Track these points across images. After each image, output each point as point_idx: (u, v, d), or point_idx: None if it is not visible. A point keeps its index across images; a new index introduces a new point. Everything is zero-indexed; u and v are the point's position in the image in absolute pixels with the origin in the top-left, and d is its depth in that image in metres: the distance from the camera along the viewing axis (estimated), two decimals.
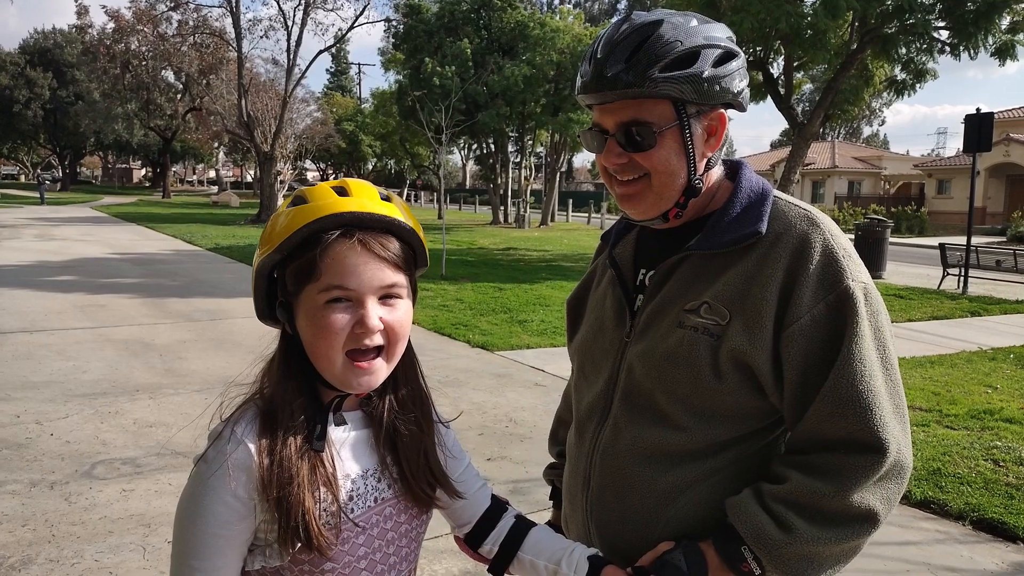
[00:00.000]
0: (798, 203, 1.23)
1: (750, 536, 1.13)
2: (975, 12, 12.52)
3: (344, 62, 66.77)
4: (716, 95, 1.14)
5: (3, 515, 3.63)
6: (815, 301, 1.12)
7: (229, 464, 0.98)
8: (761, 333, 1.13)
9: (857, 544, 1.14)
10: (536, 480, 4.22)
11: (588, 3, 61.76)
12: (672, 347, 1.19)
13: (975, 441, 4.94)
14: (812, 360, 1.12)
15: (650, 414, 1.22)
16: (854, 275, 1.14)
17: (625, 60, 1.11)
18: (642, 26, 1.14)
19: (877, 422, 1.10)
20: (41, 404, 5.36)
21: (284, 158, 32.14)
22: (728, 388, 1.16)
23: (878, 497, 1.12)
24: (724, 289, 1.17)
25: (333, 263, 0.98)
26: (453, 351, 7.51)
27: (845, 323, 1.11)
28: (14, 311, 8.81)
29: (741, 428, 1.20)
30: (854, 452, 1.11)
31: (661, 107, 1.14)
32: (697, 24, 1.16)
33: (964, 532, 3.77)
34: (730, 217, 1.20)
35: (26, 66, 52.26)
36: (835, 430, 1.11)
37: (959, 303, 11.37)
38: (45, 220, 25.11)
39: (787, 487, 1.13)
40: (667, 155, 1.16)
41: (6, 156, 68.90)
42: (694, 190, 1.19)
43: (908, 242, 25.52)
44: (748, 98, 1.22)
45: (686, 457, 1.20)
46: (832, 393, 1.10)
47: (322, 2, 27.09)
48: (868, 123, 72.97)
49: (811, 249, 1.14)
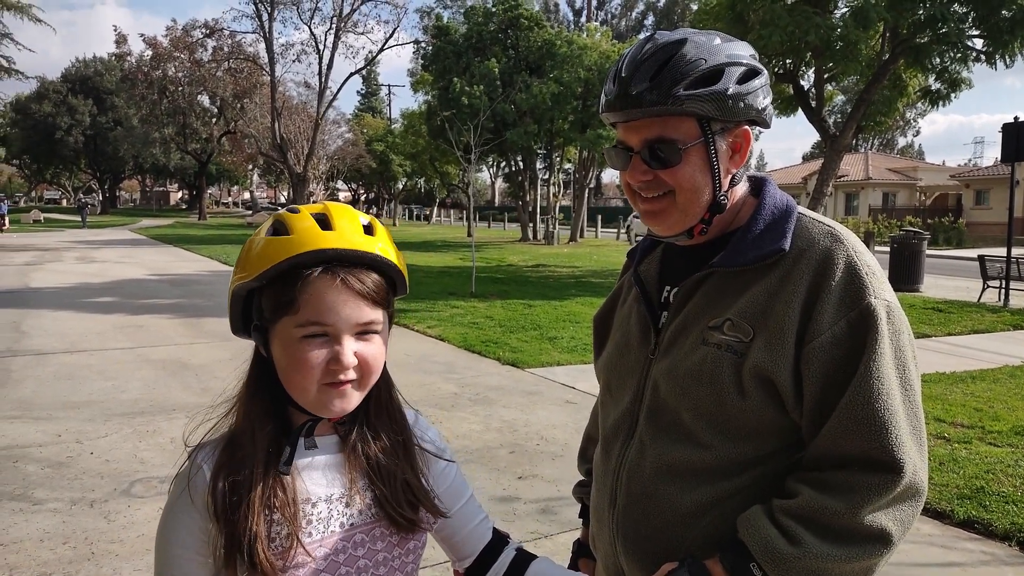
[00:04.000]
0: (822, 219, 1.23)
1: (759, 549, 1.11)
2: (1010, 20, 12.30)
3: (374, 84, 67.80)
4: (740, 112, 1.15)
5: (45, 532, 3.70)
6: (837, 318, 1.11)
7: (188, 489, 1.02)
8: (783, 349, 1.12)
9: (868, 565, 1.11)
10: (568, 499, 4.20)
11: (615, 20, 61.98)
12: (696, 364, 1.19)
13: (1020, 458, 4.80)
14: (831, 377, 1.11)
15: (675, 432, 1.22)
16: (877, 292, 1.13)
17: (650, 79, 1.13)
18: (666, 45, 1.15)
19: (893, 441, 1.09)
20: (81, 423, 5.47)
21: (317, 179, 32.64)
22: (752, 406, 1.15)
23: (891, 518, 1.10)
24: (747, 306, 1.16)
25: (312, 299, 0.99)
26: (483, 368, 7.52)
27: (865, 341, 1.10)
28: (56, 332, 9.03)
29: (766, 446, 1.18)
30: (868, 471, 1.09)
31: (686, 124, 1.15)
32: (720, 43, 1.17)
33: (1011, 553, 3.66)
34: (754, 234, 1.20)
35: (68, 94, 53.96)
36: (850, 448, 1.10)
37: (1000, 316, 11.10)
38: (86, 243, 25.77)
39: (798, 502, 1.12)
40: (692, 172, 1.16)
41: (49, 181, 71.00)
42: (719, 206, 1.20)
43: (946, 254, 25.00)
44: (772, 114, 1.22)
45: (711, 475, 1.19)
46: (848, 410, 1.09)
47: (352, 26, 27.61)
48: (902, 134, 71.94)
49: (834, 265, 1.14)
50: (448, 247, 26.43)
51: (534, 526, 3.85)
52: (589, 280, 15.95)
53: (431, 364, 7.52)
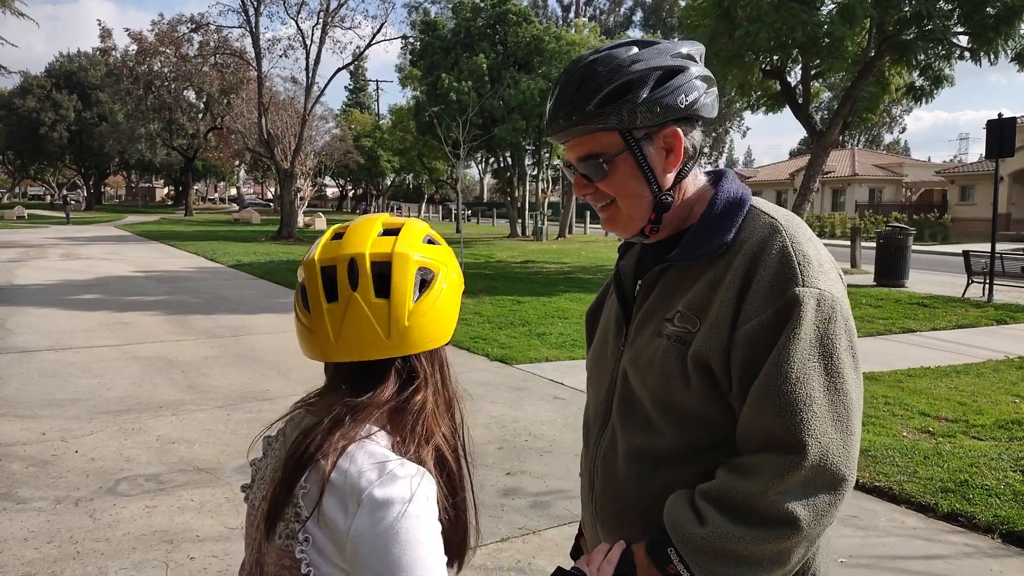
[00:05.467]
0: (771, 211, 1.25)
1: (673, 532, 1.16)
2: (995, 17, 12.40)
3: (362, 79, 67.49)
4: (659, 115, 1.19)
5: (29, 532, 3.68)
6: (765, 307, 1.14)
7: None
8: (718, 338, 1.16)
9: (780, 549, 1.12)
10: (556, 494, 4.21)
11: (603, 16, 61.97)
12: (651, 355, 1.25)
13: (1003, 452, 4.85)
14: (753, 363, 1.14)
15: (640, 419, 1.28)
16: (808, 281, 1.14)
17: (570, 100, 1.20)
18: (585, 64, 1.21)
19: (798, 424, 1.10)
20: (66, 421, 5.43)
21: (304, 175, 32.44)
22: (696, 394, 1.19)
23: (803, 504, 1.10)
24: (694, 298, 1.21)
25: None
26: (472, 365, 7.52)
27: (784, 327, 1.12)
28: (41, 329, 8.95)
29: (717, 433, 1.21)
30: (774, 452, 1.12)
31: (609, 137, 1.21)
32: (639, 51, 1.21)
33: (993, 546, 3.70)
34: (704, 228, 1.24)
35: (52, 89, 53.35)
36: (761, 430, 1.13)
37: (984, 311, 11.20)
38: (70, 239, 25.53)
39: (712, 484, 1.16)
40: (625, 180, 1.23)
41: (33, 177, 70.25)
42: (664, 205, 1.25)
43: (931, 249, 25.20)
44: (711, 104, 1.24)
45: (669, 461, 1.24)
46: (758, 392, 1.12)
47: (340, 21, 27.41)
48: (889, 130, 72.43)
49: (767, 256, 1.17)
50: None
51: (523, 522, 3.86)
52: (578, 276, 15.97)
53: None
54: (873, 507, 4.13)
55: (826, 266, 1.19)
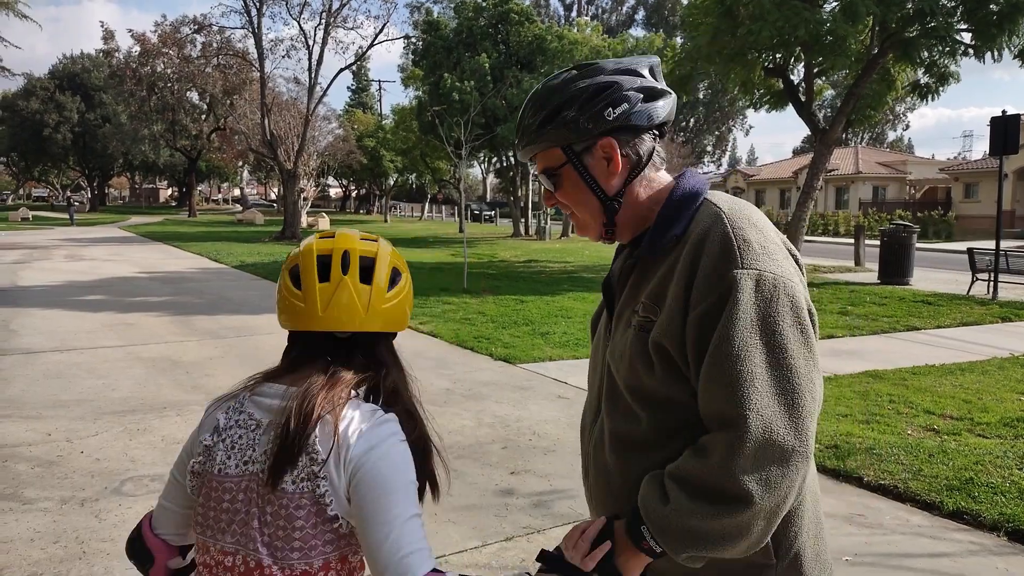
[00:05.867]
0: (718, 200, 1.31)
1: (641, 507, 1.25)
2: (998, 14, 12.36)
3: (365, 79, 67.47)
4: (590, 130, 1.30)
5: (35, 532, 3.69)
6: (710, 292, 1.20)
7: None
8: (673, 324, 1.24)
9: (736, 524, 1.17)
10: (560, 493, 4.21)
11: (606, 15, 61.95)
12: (623, 345, 1.33)
13: (1008, 450, 4.84)
14: (703, 347, 1.20)
15: (622, 409, 1.36)
16: (747, 264, 1.20)
17: (523, 123, 1.37)
18: (536, 91, 1.36)
19: (740, 399, 1.15)
20: (72, 422, 5.45)
21: (307, 175, 32.45)
22: (660, 378, 1.27)
23: (755, 478, 1.15)
24: (654, 289, 1.30)
25: None
26: (476, 364, 7.52)
27: (724, 309, 1.18)
28: (45, 330, 8.98)
29: (686, 416, 1.26)
30: (719, 428, 1.19)
31: (554, 153, 1.35)
32: (576, 74, 1.33)
33: (999, 543, 3.69)
34: (660, 224, 1.32)
35: (55, 91, 53.46)
36: (712, 410, 1.20)
37: (989, 308, 11.18)
38: (75, 241, 25.59)
39: (677, 463, 1.24)
40: (572, 190, 1.36)
41: (37, 179, 70.46)
42: (613, 209, 1.35)
43: (935, 247, 25.13)
44: (646, 113, 1.31)
45: (646, 446, 1.31)
46: (707, 374, 1.19)
47: (342, 21, 27.42)
48: (892, 128, 72.23)
49: (709, 242, 1.23)
50: (440, 243, 26.39)
51: (527, 521, 3.86)
52: (581, 275, 15.96)
53: (424, 360, 7.50)
54: (878, 505, 4.13)
55: (769, 248, 1.24)
